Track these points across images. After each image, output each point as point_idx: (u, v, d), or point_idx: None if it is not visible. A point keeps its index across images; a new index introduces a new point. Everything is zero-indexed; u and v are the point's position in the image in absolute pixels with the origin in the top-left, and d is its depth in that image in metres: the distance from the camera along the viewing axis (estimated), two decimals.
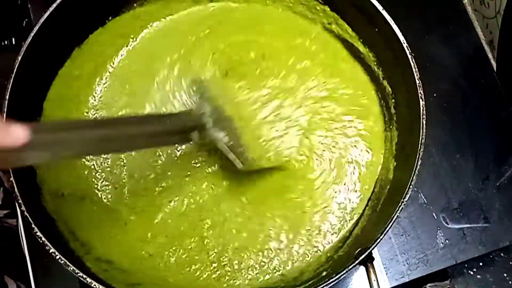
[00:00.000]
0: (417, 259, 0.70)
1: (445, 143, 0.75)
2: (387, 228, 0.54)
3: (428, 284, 0.70)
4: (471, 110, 0.77)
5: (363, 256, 0.53)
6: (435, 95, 0.77)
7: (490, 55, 0.81)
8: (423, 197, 0.72)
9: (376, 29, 0.64)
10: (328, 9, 0.69)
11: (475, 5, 0.83)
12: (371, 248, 0.54)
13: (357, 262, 0.53)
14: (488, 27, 0.80)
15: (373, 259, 0.61)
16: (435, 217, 0.72)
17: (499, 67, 0.80)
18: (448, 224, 0.71)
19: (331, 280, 0.53)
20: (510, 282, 0.72)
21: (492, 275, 0.72)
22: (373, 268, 0.60)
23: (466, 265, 0.72)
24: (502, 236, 0.71)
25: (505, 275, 0.72)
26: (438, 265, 0.70)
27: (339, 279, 0.54)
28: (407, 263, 0.70)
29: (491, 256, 0.73)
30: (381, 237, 0.54)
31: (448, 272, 0.71)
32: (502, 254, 0.73)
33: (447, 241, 0.71)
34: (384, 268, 0.69)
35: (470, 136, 0.76)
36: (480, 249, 0.70)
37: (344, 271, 0.53)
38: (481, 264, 0.72)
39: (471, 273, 0.72)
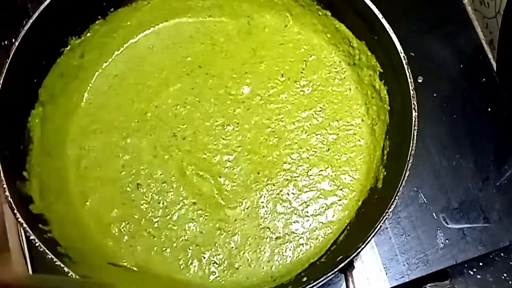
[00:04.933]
0: (417, 259, 0.70)
1: (445, 143, 0.75)
2: (369, 238, 0.53)
3: (428, 284, 0.70)
4: (471, 110, 0.77)
5: (342, 264, 0.52)
6: (435, 95, 0.77)
7: (490, 55, 0.81)
8: (423, 197, 0.72)
9: (376, 37, 0.64)
10: (330, 14, 0.69)
11: (475, 5, 0.83)
12: (351, 257, 0.53)
13: (336, 270, 0.52)
14: (488, 27, 0.80)
15: (353, 268, 0.59)
16: (435, 217, 0.72)
17: (499, 67, 0.80)
18: (448, 224, 0.71)
19: (309, 286, 0.52)
20: (510, 282, 0.72)
21: (492, 275, 0.72)
22: (352, 277, 0.58)
23: (466, 265, 0.72)
24: (502, 236, 0.71)
25: (505, 275, 0.72)
26: (438, 265, 0.70)
27: (317, 285, 0.53)
28: (407, 263, 0.70)
29: (491, 256, 0.73)
30: (362, 246, 0.53)
31: (448, 272, 0.71)
32: (502, 254, 0.73)
33: (447, 241, 0.71)
34: (384, 268, 0.69)
35: (470, 136, 0.76)
36: (480, 249, 0.70)
37: (323, 278, 0.52)
38: (481, 264, 0.72)
39: (471, 273, 0.72)
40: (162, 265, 0.62)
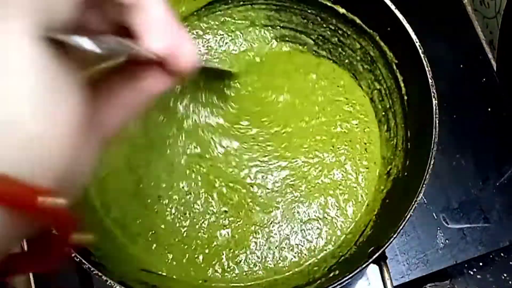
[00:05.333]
0: (417, 259, 0.70)
1: (445, 143, 0.75)
2: (401, 227, 0.54)
3: (428, 284, 0.70)
4: (471, 110, 0.77)
5: (377, 254, 0.53)
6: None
7: (490, 55, 0.81)
8: (423, 197, 0.72)
9: (389, 29, 0.63)
10: (340, 7, 0.69)
11: (475, 5, 0.83)
12: (385, 246, 0.53)
13: (370, 261, 0.52)
14: (488, 27, 0.80)
15: (386, 258, 0.61)
16: (435, 217, 0.72)
17: (499, 67, 0.80)
18: (448, 224, 0.71)
19: (344, 279, 0.52)
20: (510, 282, 0.72)
21: (492, 275, 0.72)
22: (387, 266, 0.60)
23: (466, 265, 0.72)
24: (502, 236, 0.71)
25: (505, 275, 0.72)
26: (438, 265, 0.70)
27: (350, 279, 0.53)
28: (407, 263, 0.70)
29: (491, 256, 0.73)
30: (394, 236, 0.53)
31: (448, 272, 0.71)
32: (502, 254, 0.73)
33: (447, 241, 0.71)
34: None
35: (470, 136, 0.76)
36: (480, 249, 0.70)
37: (358, 270, 0.52)
38: (481, 264, 0.72)
39: (471, 273, 0.72)
40: (196, 270, 0.62)
